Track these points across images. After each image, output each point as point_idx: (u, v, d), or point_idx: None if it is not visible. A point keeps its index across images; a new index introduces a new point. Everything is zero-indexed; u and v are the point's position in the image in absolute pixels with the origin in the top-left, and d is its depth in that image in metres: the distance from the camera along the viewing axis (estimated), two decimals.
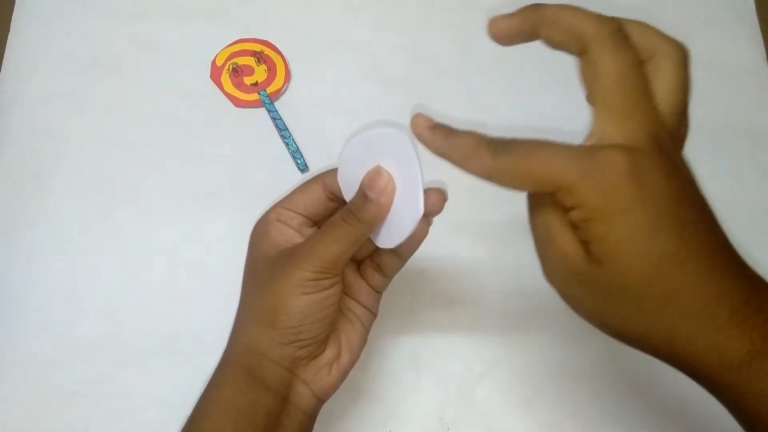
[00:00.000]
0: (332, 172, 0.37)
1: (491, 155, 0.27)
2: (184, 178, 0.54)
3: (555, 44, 0.29)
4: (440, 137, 0.29)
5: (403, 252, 0.38)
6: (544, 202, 0.28)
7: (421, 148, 0.32)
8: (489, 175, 0.28)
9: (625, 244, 0.26)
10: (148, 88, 0.57)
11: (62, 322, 0.49)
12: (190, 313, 0.50)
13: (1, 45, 0.58)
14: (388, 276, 0.39)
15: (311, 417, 0.37)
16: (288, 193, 0.38)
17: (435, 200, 0.35)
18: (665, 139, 0.27)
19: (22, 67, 0.57)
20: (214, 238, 0.52)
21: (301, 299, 0.34)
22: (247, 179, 0.54)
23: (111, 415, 0.47)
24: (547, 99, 0.57)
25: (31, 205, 0.52)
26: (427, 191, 0.34)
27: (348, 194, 0.36)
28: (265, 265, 0.36)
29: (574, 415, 0.49)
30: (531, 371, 0.50)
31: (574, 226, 0.27)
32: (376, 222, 0.34)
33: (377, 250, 0.38)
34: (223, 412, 0.35)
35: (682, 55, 0.29)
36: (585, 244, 0.27)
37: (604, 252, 0.26)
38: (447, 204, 0.36)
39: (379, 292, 0.40)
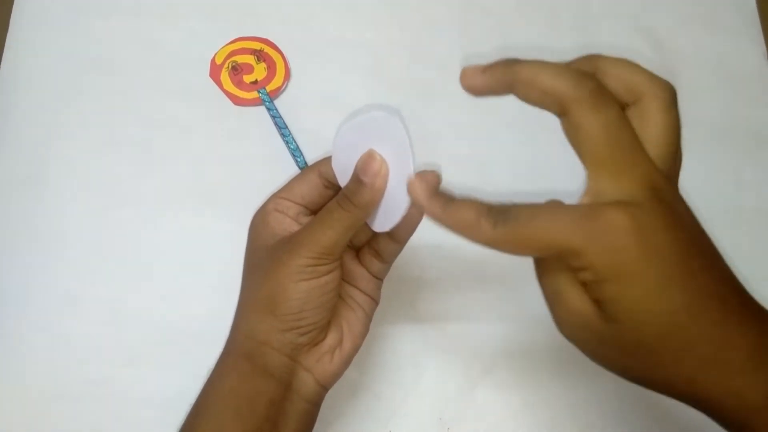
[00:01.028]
0: (327, 160, 0.37)
1: (492, 225, 0.27)
2: (183, 177, 0.54)
3: (531, 103, 0.28)
4: (438, 206, 0.29)
5: (400, 236, 0.38)
6: (551, 263, 0.28)
7: (413, 130, 0.32)
8: (492, 244, 0.28)
9: (638, 303, 0.26)
10: (148, 86, 0.57)
11: (62, 322, 0.49)
12: (190, 312, 0.50)
13: None
14: (386, 262, 0.39)
15: (315, 404, 0.37)
16: (285, 182, 0.39)
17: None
18: (662, 186, 0.27)
19: (20, 66, 0.57)
20: (214, 236, 0.52)
21: (300, 285, 0.34)
22: (246, 178, 0.54)
23: (111, 415, 0.47)
24: None
25: (30, 205, 0.52)
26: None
27: (343, 180, 0.36)
28: (264, 254, 0.37)
29: (574, 415, 0.49)
30: (531, 371, 0.50)
31: (585, 285, 0.27)
32: (371, 206, 0.34)
33: (375, 235, 0.39)
34: (226, 400, 0.35)
35: (670, 96, 0.28)
36: (597, 302, 0.27)
37: (617, 311, 0.26)
38: None
39: (379, 278, 0.40)
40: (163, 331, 0.49)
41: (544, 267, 0.29)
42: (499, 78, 0.29)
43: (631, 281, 0.26)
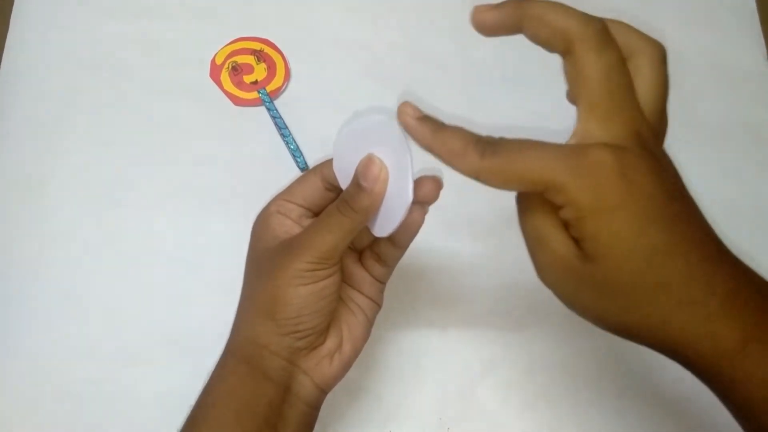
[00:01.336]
0: (329, 163, 0.37)
1: (480, 155, 0.27)
2: (183, 177, 0.54)
3: (538, 41, 0.29)
4: (428, 130, 0.29)
5: (400, 241, 0.38)
6: (533, 203, 0.29)
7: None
8: (477, 175, 0.28)
9: (617, 239, 0.26)
10: (148, 86, 0.57)
11: (62, 322, 0.49)
12: (190, 312, 0.50)
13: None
14: (388, 266, 0.39)
15: (314, 407, 0.37)
16: (287, 185, 0.38)
17: (429, 188, 0.34)
18: (648, 136, 0.28)
19: (20, 66, 0.57)
20: (214, 237, 0.52)
21: (299, 290, 0.34)
22: (246, 178, 0.54)
23: (111, 415, 0.47)
24: (547, 98, 0.57)
25: (31, 205, 0.52)
26: (421, 179, 0.34)
27: (344, 183, 0.36)
28: (265, 257, 0.37)
29: (574, 415, 0.49)
30: (531, 371, 0.50)
31: (566, 224, 0.28)
32: (370, 211, 0.34)
33: (376, 239, 0.38)
34: (225, 402, 0.35)
35: (660, 53, 0.30)
36: (577, 241, 0.27)
37: (596, 248, 0.27)
38: (447, 201, 0.36)
39: (382, 282, 0.39)
40: (163, 331, 0.49)
41: (526, 207, 0.29)
42: (509, 14, 0.29)
43: (612, 217, 0.26)
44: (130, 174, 0.54)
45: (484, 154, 0.27)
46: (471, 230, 0.53)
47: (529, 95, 0.58)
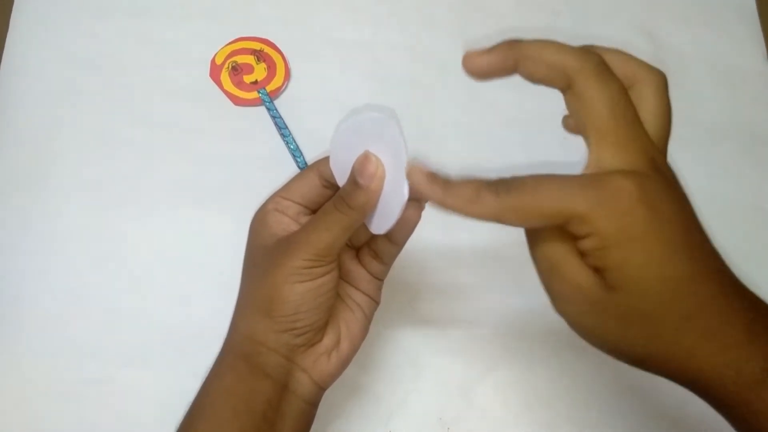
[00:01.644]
0: (326, 160, 0.37)
1: (494, 195, 0.27)
2: (183, 177, 0.54)
3: (535, 79, 0.29)
4: (439, 188, 0.29)
5: (397, 238, 0.38)
6: (546, 233, 0.28)
7: (412, 130, 0.32)
8: (497, 216, 0.27)
9: (643, 269, 0.26)
10: (148, 86, 0.57)
11: (61, 322, 0.49)
12: (190, 312, 0.50)
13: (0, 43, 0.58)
14: (385, 263, 0.39)
15: (312, 404, 0.37)
16: (285, 182, 0.38)
17: None
18: (661, 162, 0.28)
19: (21, 66, 0.57)
20: (214, 236, 0.52)
21: (296, 287, 0.34)
22: (246, 178, 0.54)
23: (111, 415, 0.47)
24: (547, 98, 0.57)
25: (31, 205, 0.52)
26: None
27: (341, 180, 0.36)
28: (262, 254, 0.37)
29: (574, 415, 0.49)
30: (531, 371, 0.50)
31: (584, 254, 0.27)
32: (367, 208, 0.34)
33: (373, 236, 0.38)
34: (223, 399, 0.35)
35: (662, 82, 0.30)
36: (598, 271, 0.27)
37: (621, 278, 0.26)
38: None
39: (379, 279, 0.39)
40: (162, 331, 0.49)
41: (538, 238, 0.29)
42: (503, 58, 0.29)
43: (637, 246, 0.26)
44: (129, 173, 0.54)
45: (498, 194, 0.27)
46: (470, 228, 0.53)
47: (529, 95, 0.58)
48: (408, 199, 0.33)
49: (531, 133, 0.57)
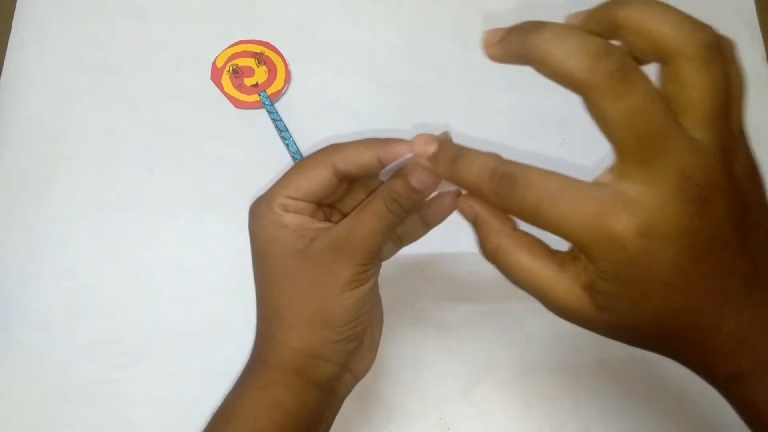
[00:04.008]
0: (337, 152, 0.34)
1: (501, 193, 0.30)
2: (184, 179, 0.54)
3: (550, 79, 0.26)
4: (446, 163, 0.31)
5: (432, 219, 0.36)
6: (526, 259, 0.29)
7: (412, 131, 0.31)
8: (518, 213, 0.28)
9: (633, 304, 0.26)
10: (149, 89, 0.57)
11: (62, 322, 0.49)
12: (190, 313, 0.50)
13: (1, 46, 0.58)
14: (404, 244, 0.37)
15: (345, 398, 0.37)
16: (281, 179, 0.35)
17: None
18: (696, 175, 0.24)
19: (22, 68, 0.57)
20: (214, 239, 0.52)
21: (354, 293, 0.33)
22: (247, 180, 0.54)
23: (111, 415, 0.47)
24: (547, 99, 0.57)
25: (32, 206, 0.53)
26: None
27: (385, 174, 0.34)
28: (299, 265, 0.33)
29: (574, 415, 0.49)
30: (531, 371, 0.50)
31: (576, 259, 0.27)
32: (419, 206, 0.34)
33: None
34: (270, 414, 0.34)
35: (703, 51, 0.25)
36: (590, 289, 0.27)
37: (610, 306, 0.26)
38: None
39: (386, 259, 0.38)
40: (163, 332, 0.49)
41: (514, 263, 0.29)
42: (513, 52, 0.27)
43: (629, 286, 0.25)
44: (130, 176, 0.54)
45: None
46: (470, 228, 0.53)
47: (529, 97, 0.59)
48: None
49: (533, 134, 0.57)
